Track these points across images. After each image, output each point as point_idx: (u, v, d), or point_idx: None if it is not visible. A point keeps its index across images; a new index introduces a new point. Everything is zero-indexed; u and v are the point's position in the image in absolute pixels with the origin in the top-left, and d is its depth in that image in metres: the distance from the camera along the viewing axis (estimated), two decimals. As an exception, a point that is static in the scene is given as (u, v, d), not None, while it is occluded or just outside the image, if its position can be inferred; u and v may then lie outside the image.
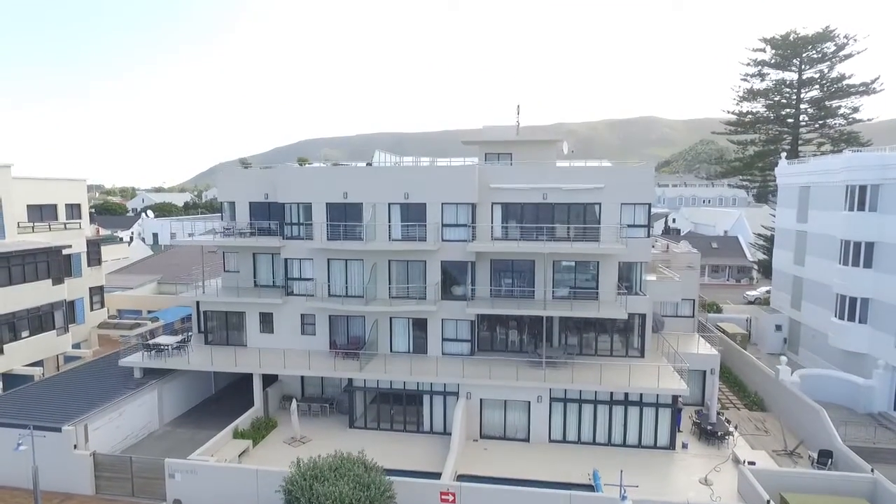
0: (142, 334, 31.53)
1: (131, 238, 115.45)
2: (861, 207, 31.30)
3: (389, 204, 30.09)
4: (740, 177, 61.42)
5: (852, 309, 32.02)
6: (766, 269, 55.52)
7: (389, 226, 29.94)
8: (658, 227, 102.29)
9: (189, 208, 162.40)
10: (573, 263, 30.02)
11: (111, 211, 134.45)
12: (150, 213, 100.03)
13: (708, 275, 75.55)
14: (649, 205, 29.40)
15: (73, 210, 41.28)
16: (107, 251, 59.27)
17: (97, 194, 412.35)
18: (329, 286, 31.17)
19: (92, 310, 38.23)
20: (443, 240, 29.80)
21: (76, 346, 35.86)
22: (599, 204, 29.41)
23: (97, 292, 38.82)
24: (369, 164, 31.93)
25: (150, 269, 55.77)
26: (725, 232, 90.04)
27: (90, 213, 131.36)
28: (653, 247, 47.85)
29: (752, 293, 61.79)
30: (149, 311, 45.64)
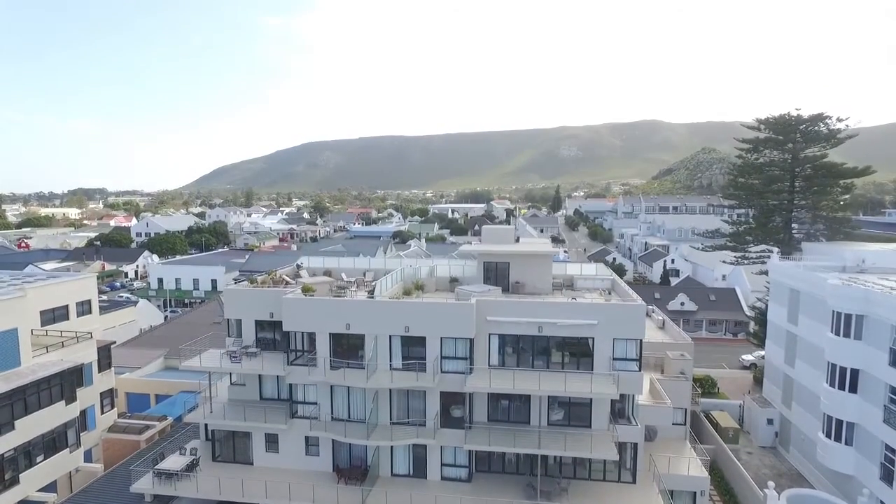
0: (153, 458, 32.59)
1: (136, 273, 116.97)
2: (847, 334, 32.24)
3: (390, 336, 31.22)
4: (732, 255, 62.56)
5: (839, 430, 32.95)
6: (760, 340, 56.49)
7: (391, 363, 31.07)
8: (657, 268, 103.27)
9: (192, 233, 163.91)
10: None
11: (115, 242, 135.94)
12: (155, 257, 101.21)
13: (706, 329, 76.69)
14: (640, 340, 30.41)
15: (84, 306, 42.48)
16: (114, 317, 60.76)
17: (101, 205, 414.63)
18: (332, 411, 32.31)
19: (102, 413, 39.39)
20: (442, 371, 30.91)
21: (87, 453, 37.02)
22: (593, 338, 30.48)
23: (107, 395, 39.95)
24: (370, 294, 32.97)
25: (157, 341, 56.99)
26: (724, 276, 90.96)
27: (95, 246, 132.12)
28: (648, 315, 49.35)
29: (749, 357, 62.63)
30: (157, 397, 46.85)
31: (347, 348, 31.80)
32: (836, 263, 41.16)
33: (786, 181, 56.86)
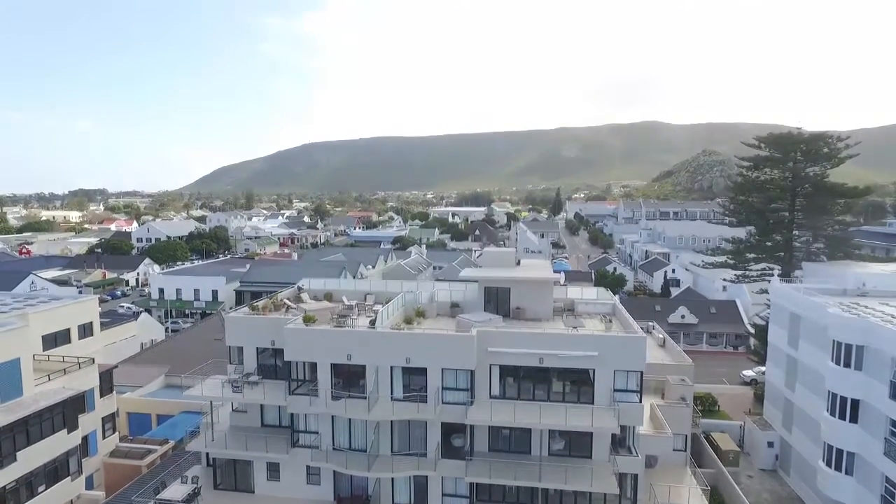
0: (154, 487, 32.68)
1: (137, 281, 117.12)
2: (847, 364, 32.24)
3: (392, 367, 31.28)
4: (733, 273, 62.66)
5: (839, 459, 32.96)
6: (760, 356, 56.54)
7: (392, 393, 31.13)
8: (657, 277, 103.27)
9: (193, 238, 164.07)
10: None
11: (116, 248, 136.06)
12: (156, 267, 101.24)
13: (706, 342, 76.70)
14: (641, 372, 30.46)
15: (85, 329, 42.60)
16: (114, 333, 60.82)
17: (101, 207, 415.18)
18: (333, 440, 32.38)
19: (104, 438, 39.45)
20: (443, 402, 30.97)
21: (89, 479, 37.09)
22: (593, 369, 30.55)
23: (109, 419, 40.00)
24: (372, 324, 32.98)
25: (158, 357, 57.06)
26: (725, 287, 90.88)
27: (96, 254, 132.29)
28: (649, 332, 49.31)
29: (749, 373, 62.60)
30: (158, 417, 46.91)
31: (349, 378, 31.86)
32: (837, 286, 41.22)
33: (786, 199, 56.92)
